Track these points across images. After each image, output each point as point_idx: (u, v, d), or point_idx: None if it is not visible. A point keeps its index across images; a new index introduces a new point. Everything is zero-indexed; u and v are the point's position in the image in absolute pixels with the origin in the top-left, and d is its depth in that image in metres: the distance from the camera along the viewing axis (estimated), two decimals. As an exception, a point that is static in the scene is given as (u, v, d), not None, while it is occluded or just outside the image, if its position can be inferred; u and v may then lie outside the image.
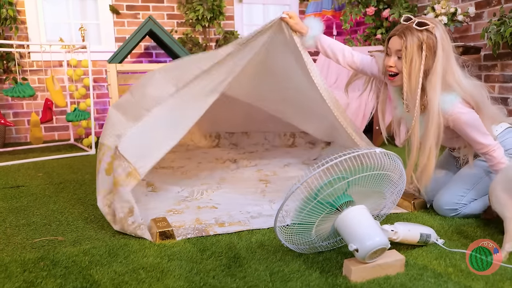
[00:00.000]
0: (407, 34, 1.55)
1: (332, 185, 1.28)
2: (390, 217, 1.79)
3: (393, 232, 1.40)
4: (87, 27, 4.25)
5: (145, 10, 4.36)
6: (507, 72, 3.35)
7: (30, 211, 1.97)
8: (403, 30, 1.58)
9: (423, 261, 1.38)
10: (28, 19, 3.99)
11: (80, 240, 1.61)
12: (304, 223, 1.36)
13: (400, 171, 1.40)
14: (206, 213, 1.91)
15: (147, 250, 1.50)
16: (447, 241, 1.53)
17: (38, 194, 2.24)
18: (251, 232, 1.65)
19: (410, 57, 1.55)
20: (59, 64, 4.11)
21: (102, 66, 4.28)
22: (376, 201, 1.47)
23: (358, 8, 4.20)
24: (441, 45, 1.55)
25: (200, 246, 1.53)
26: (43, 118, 3.35)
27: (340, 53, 1.88)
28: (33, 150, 3.56)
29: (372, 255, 1.26)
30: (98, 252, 1.48)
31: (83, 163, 3.02)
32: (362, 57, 1.87)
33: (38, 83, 4.07)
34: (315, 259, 1.41)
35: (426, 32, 1.55)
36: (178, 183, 2.39)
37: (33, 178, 2.59)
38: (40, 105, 4.01)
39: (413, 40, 1.54)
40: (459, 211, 1.76)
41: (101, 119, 4.35)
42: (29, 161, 3.07)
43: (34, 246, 1.55)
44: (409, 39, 1.55)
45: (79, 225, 1.77)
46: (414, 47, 1.54)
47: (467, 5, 3.64)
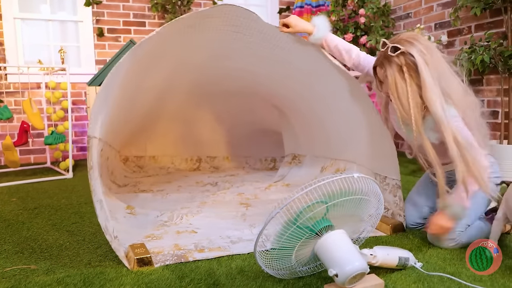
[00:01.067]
0: (385, 63, 1.59)
1: (312, 210, 1.29)
2: (369, 240, 1.80)
3: (372, 256, 1.41)
4: (67, 49, 4.23)
5: (126, 33, 4.38)
6: (479, 97, 3.48)
7: (2, 238, 1.90)
8: (382, 60, 1.62)
9: (401, 285, 1.39)
10: (5, 41, 3.95)
11: (53, 268, 1.55)
12: (284, 248, 1.35)
13: (378, 195, 1.42)
14: (185, 238, 1.88)
15: (124, 278, 1.46)
16: (425, 264, 1.55)
17: (11, 220, 2.17)
18: (231, 258, 1.63)
19: (394, 84, 1.57)
20: (37, 86, 4.05)
21: (81, 88, 4.25)
22: (355, 225, 1.48)
23: (336, 34, 4.33)
24: (422, 59, 1.53)
25: (178, 273, 1.50)
26: (19, 141, 3.27)
27: (347, 54, 1.87)
28: (7, 173, 3.46)
29: (351, 280, 1.26)
30: (72, 281, 1.43)
31: (60, 187, 2.94)
32: (369, 59, 1.86)
33: (14, 105, 4.00)
34: (295, 285, 1.40)
35: (402, 55, 1.56)
36: (157, 207, 2.36)
37: (6, 204, 2.51)
38: (16, 127, 3.93)
39: (392, 68, 1.57)
40: (457, 240, 1.67)
41: (79, 142, 4.28)
42: (2, 186, 2.98)
43: (5, 276, 1.49)
44: (388, 68, 1.58)
45: (53, 253, 1.72)
46: (395, 73, 1.56)
47: (440, 33, 3.80)
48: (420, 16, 4.07)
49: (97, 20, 4.25)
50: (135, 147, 3.45)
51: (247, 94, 2.83)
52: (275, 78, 2.40)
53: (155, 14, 4.43)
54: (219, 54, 2.16)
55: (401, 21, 4.34)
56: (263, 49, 2.08)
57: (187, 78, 2.59)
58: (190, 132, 3.44)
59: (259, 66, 2.32)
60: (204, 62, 2.29)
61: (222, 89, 2.98)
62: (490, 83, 3.37)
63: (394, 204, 1.99)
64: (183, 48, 1.96)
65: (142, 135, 3.34)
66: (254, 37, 1.98)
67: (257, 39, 1.99)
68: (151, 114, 2.98)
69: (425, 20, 4.01)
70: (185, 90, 2.87)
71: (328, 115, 2.44)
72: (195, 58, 2.18)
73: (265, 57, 2.15)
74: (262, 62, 2.26)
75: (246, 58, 2.23)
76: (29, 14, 4.09)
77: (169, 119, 3.26)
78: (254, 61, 2.26)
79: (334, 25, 4.31)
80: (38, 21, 4.16)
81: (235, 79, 2.67)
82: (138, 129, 3.15)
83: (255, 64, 2.30)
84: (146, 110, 2.78)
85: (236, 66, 2.37)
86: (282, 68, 2.25)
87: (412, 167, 3.55)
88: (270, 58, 2.16)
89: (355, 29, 4.27)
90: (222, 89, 3.00)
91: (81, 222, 2.13)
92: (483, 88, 3.43)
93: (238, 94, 2.97)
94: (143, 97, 2.40)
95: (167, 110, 3.12)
